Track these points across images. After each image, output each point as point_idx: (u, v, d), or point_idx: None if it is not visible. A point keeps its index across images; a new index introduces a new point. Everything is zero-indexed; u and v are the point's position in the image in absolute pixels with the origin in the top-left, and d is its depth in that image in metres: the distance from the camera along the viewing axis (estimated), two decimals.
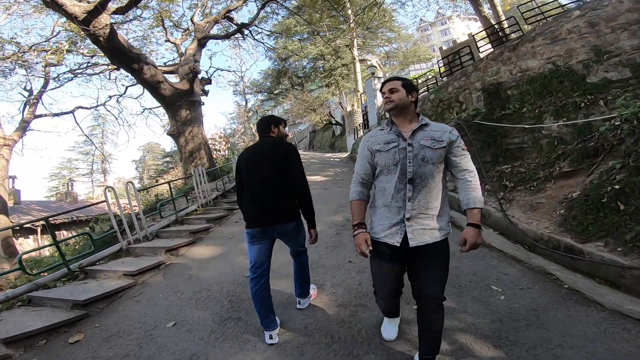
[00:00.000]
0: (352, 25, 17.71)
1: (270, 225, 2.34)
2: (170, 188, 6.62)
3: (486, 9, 11.79)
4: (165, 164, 41.04)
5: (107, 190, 4.46)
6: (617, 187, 3.47)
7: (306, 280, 2.83)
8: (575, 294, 2.71)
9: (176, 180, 9.09)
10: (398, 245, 1.80)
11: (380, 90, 1.94)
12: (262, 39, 17.34)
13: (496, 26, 10.52)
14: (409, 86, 1.89)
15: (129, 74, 11.36)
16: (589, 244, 3.25)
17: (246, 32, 14.26)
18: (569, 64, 5.64)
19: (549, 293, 2.76)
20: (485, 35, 9.95)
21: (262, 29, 15.56)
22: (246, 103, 33.64)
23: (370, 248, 1.80)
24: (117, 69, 13.09)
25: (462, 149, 1.85)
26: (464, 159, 1.84)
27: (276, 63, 28.77)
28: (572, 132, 5.04)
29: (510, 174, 5.46)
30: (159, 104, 11.35)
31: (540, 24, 7.00)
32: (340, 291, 3.14)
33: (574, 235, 3.52)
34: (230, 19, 13.64)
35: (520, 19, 9.18)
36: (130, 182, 5.26)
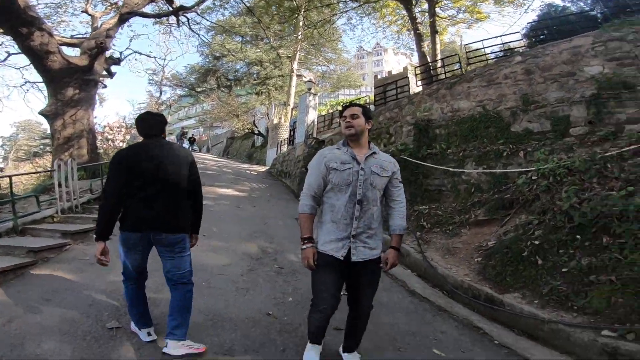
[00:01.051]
0: (300, 37, 17.40)
1: (161, 230, 2.19)
2: (10, 185, 4.66)
3: (426, 45, 12.50)
4: (42, 146, 34.89)
5: None
6: (536, 242, 3.60)
7: (186, 320, 2.30)
8: (512, 353, 2.64)
9: (23, 174, 6.89)
10: (342, 259, 1.97)
11: (341, 113, 2.12)
12: (199, 30, 15.90)
13: (431, 64, 11.09)
14: (367, 114, 2.10)
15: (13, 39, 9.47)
16: (508, 295, 3.26)
17: (183, 19, 12.82)
18: (498, 109, 5.69)
19: (490, 355, 2.60)
20: (420, 72, 10.42)
21: (203, 17, 14.22)
22: (160, 94, 31.47)
23: (316, 262, 1.96)
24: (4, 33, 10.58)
25: (399, 181, 2.14)
26: (398, 190, 2.13)
27: (207, 60, 27.13)
28: (490, 181, 5.19)
29: (428, 215, 5.48)
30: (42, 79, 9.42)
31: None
32: None
33: (493, 284, 3.56)
34: (170, 1, 12.08)
35: (464, 59, 9.71)
36: None
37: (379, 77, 18.49)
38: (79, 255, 3.99)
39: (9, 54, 12.63)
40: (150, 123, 2.35)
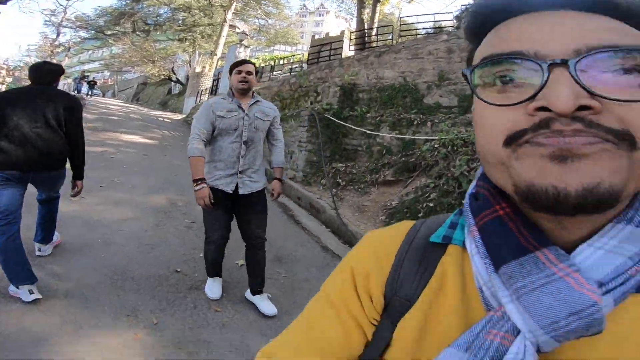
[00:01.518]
0: None
1: (37, 170, 2.29)
2: None
3: (366, 13, 12.41)
4: None
5: None
6: (430, 204, 3.99)
7: (53, 228, 2.70)
8: None
9: None
10: (231, 192, 2.27)
11: (236, 66, 2.35)
12: None
13: (367, 31, 11.17)
14: (257, 72, 2.43)
15: None
16: None
17: None
18: (417, 81, 6.13)
19: None
20: (356, 37, 10.49)
21: None
22: (58, 36, 27.06)
23: (212, 201, 2.14)
24: None
25: (279, 124, 2.53)
26: (279, 132, 2.52)
27: (125, 3, 23.08)
28: (400, 145, 5.60)
29: (344, 172, 5.71)
30: None
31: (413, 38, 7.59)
32: (167, 321, 2.18)
33: None
34: None
35: (397, 31, 9.98)
36: None
37: (317, 37, 18.08)
38: None
39: None
40: (42, 72, 2.45)
